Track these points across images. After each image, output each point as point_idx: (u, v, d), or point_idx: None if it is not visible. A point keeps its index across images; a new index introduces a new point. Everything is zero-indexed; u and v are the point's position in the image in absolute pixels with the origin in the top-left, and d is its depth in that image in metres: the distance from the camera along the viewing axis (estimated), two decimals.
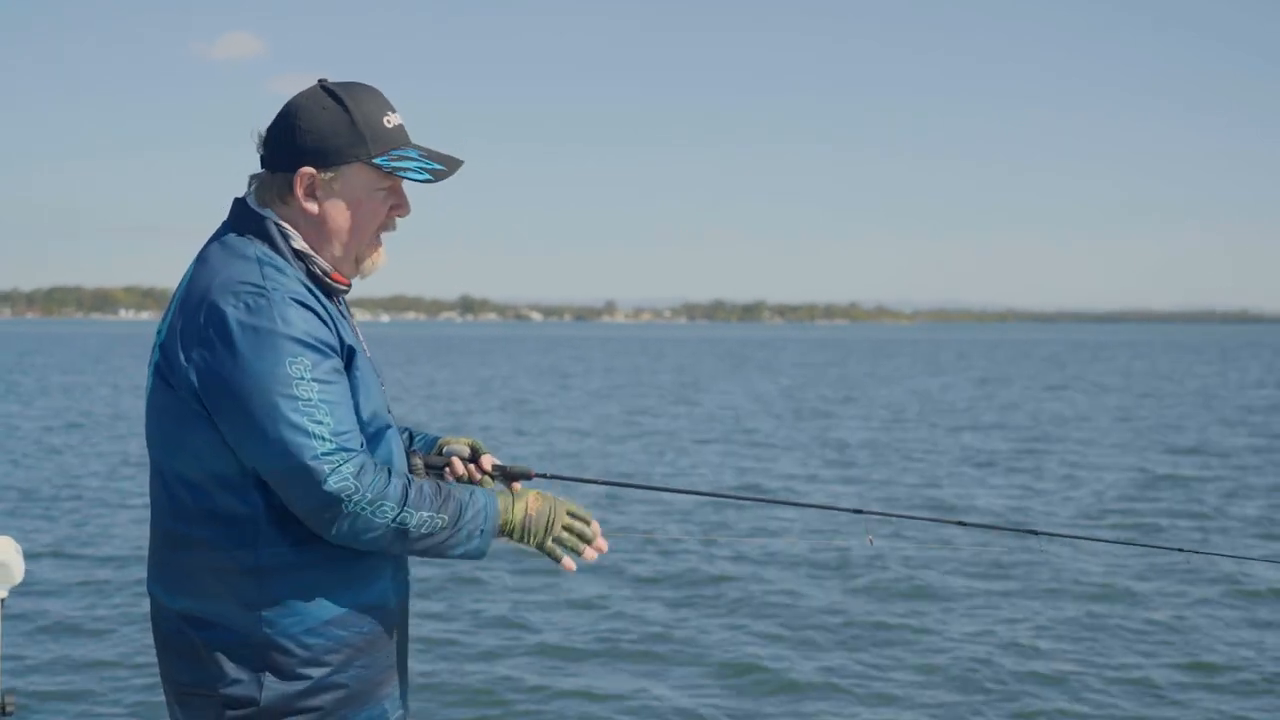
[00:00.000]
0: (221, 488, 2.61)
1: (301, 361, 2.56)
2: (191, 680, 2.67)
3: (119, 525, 13.59)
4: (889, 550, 11.68)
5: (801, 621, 9.51)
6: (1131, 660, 8.56)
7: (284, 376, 2.54)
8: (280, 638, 2.62)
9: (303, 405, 2.54)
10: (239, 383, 2.54)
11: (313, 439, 2.53)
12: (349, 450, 2.57)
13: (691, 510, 14.52)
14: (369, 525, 2.58)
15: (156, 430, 2.69)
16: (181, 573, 2.67)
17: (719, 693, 7.85)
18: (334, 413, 2.57)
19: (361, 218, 2.75)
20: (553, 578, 10.68)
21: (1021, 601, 10.14)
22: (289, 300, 2.60)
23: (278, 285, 2.61)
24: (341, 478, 2.54)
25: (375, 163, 2.72)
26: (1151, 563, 11.39)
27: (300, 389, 2.54)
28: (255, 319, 2.56)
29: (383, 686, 2.76)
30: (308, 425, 2.53)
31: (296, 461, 2.53)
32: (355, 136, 2.70)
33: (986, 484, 17.75)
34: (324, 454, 2.54)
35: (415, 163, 2.75)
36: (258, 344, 2.55)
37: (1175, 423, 28.36)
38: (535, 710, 7.51)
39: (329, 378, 2.59)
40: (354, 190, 2.73)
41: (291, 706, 2.63)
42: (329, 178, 2.71)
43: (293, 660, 2.63)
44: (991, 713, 7.50)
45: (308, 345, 2.58)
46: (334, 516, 2.56)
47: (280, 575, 2.62)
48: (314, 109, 2.71)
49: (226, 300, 2.58)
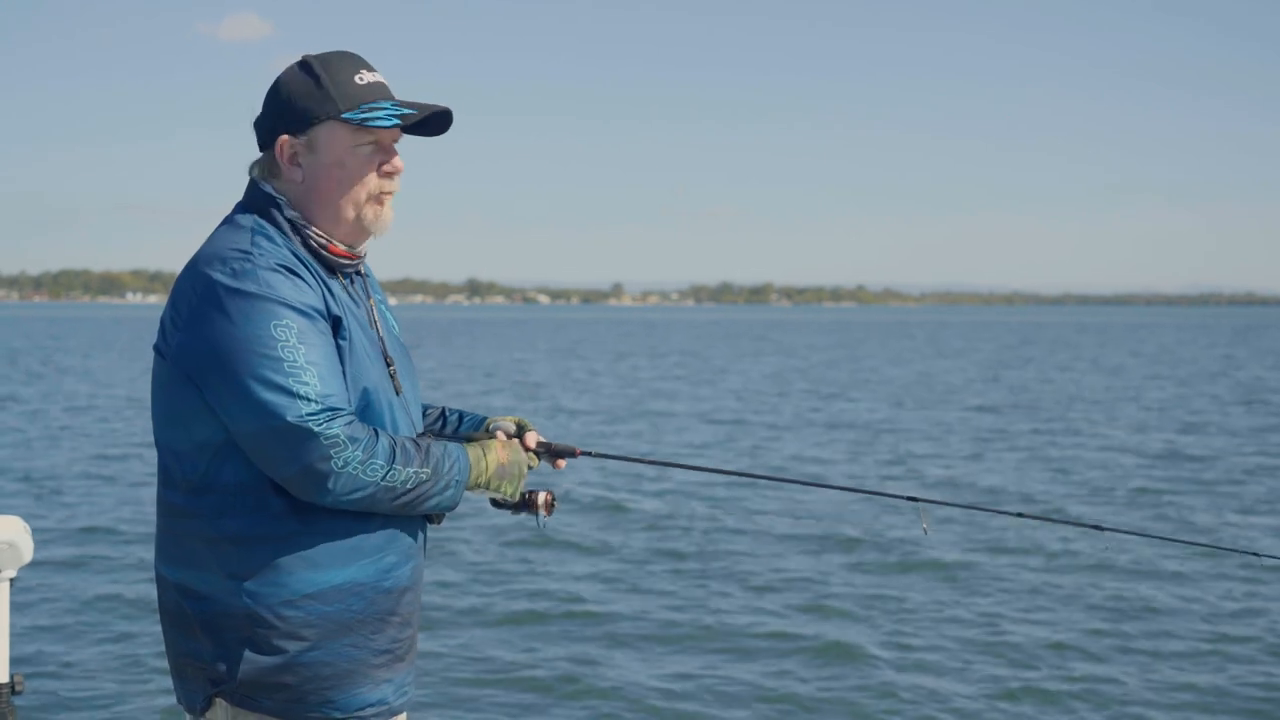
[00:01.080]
0: (208, 456, 2.62)
1: (286, 324, 2.56)
2: (185, 651, 2.69)
3: (128, 504, 13.63)
4: (939, 537, 11.54)
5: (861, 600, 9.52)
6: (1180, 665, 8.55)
7: (268, 339, 2.54)
8: (259, 609, 2.60)
9: (287, 366, 2.54)
10: (223, 346, 2.55)
11: (297, 399, 2.53)
12: (335, 409, 2.56)
13: (740, 493, 14.51)
14: (358, 484, 2.57)
15: (154, 403, 2.73)
16: (174, 543, 2.69)
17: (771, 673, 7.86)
18: (320, 374, 2.57)
19: (347, 177, 2.73)
20: (567, 553, 10.70)
21: (1085, 590, 10.14)
22: (274, 265, 2.62)
23: (264, 251, 2.64)
24: (328, 437, 2.53)
25: (345, 118, 2.70)
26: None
27: (285, 350, 2.55)
28: (239, 282, 2.57)
29: (382, 670, 2.72)
30: (292, 385, 2.53)
31: (281, 422, 2.52)
32: (322, 95, 2.71)
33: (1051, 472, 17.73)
34: (309, 414, 2.53)
35: (385, 111, 2.73)
36: (242, 307, 2.56)
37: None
38: (550, 690, 7.53)
39: (314, 341, 2.59)
40: (334, 150, 2.72)
41: (269, 680, 2.62)
42: (305, 141, 2.73)
43: (272, 633, 2.61)
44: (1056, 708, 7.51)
45: (292, 308, 2.58)
46: (324, 475, 2.54)
47: (263, 545, 2.60)
48: (285, 80, 2.76)
49: (213, 267, 2.61)
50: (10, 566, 3.56)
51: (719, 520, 12.62)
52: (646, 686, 7.54)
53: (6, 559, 3.54)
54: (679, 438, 21.23)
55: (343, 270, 2.79)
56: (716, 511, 13.28)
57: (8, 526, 3.55)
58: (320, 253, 2.74)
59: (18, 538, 3.55)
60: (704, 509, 13.44)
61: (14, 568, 3.57)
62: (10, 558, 3.55)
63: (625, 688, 7.52)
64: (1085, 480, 16.01)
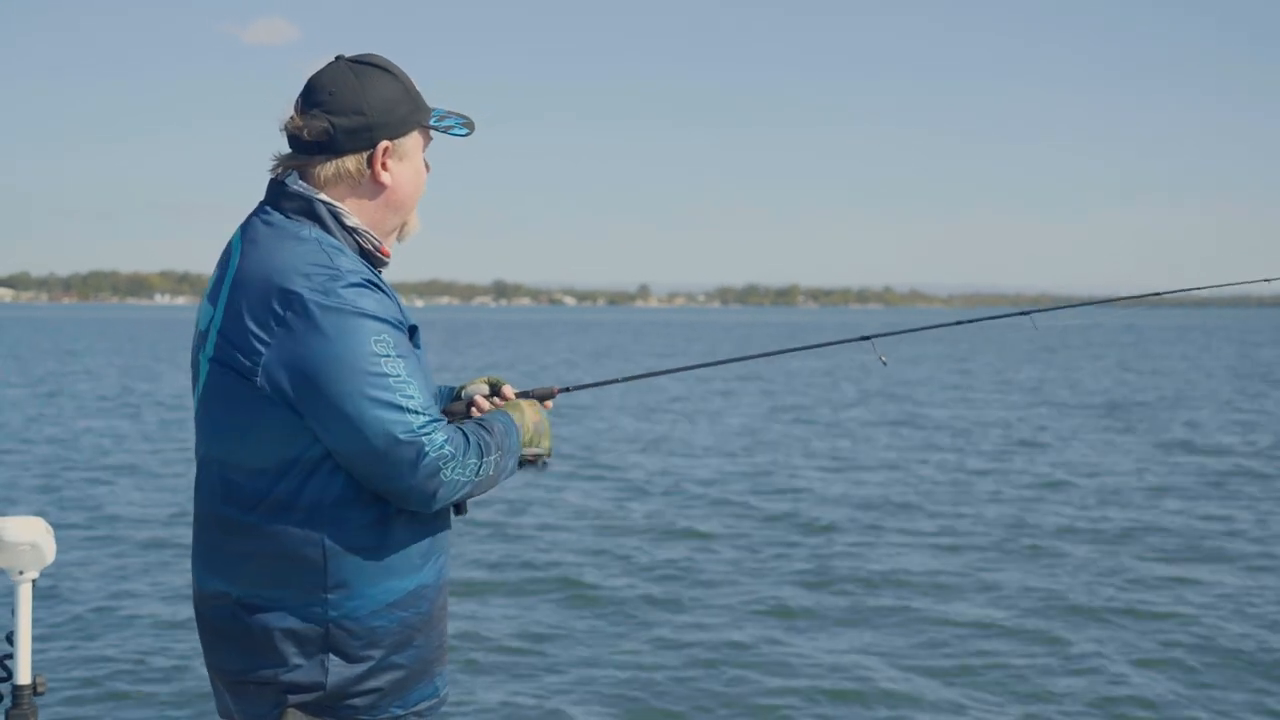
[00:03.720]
0: (285, 473, 2.60)
1: (384, 339, 2.58)
2: (246, 667, 2.67)
3: (152, 507, 13.68)
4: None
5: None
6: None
7: (370, 355, 2.55)
8: (345, 620, 2.63)
9: (393, 382, 2.56)
10: (327, 366, 2.53)
11: (407, 414, 2.56)
12: (436, 420, 2.62)
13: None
14: (460, 486, 2.66)
15: (212, 418, 2.67)
16: (238, 559, 2.66)
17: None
18: (419, 387, 2.60)
19: (420, 181, 2.83)
20: (588, 520, 10.68)
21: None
22: (360, 281, 2.61)
23: (348, 268, 2.62)
24: (437, 448, 2.59)
25: (431, 125, 2.81)
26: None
27: (388, 365, 2.57)
28: (333, 300, 2.56)
29: (436, 664, 2.79)
30: (400, 401, 2.56)
31: (393, 439, 2.55)
32: (413, 104, 2.78)
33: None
34: (419, 428, 2.57)
35: (451, 119, 2.85)
36: (341, 325, 2.54)
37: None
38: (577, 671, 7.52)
39: (408, 353, 2.62)
40: (415, 155, 2.81)
41: (356, 688, 2.65)
42: (398, 147, 2.76)
43: (357, 643, 2.64)
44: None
45: (386, 321, 2.60)
46: (436, 487, 2.61)
47: (343, 560, 2.62)
48: (373, 84, 2.73)
49: (298, 283, 2.57)
50: (32, 568, 3.55)
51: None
52: (656, 663, 7.52)
53: (29, 560, 3.53)
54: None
55: (381, 267, 2.82)
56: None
57: (30, 527, 3.54)
58: (373, 255, 2.77)
59: (40, 539, 3.53)
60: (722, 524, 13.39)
61: (36, 569, 3.56)
62: (32, 559, 3.53)
63: (630, 660, 7.49)
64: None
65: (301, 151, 2.73)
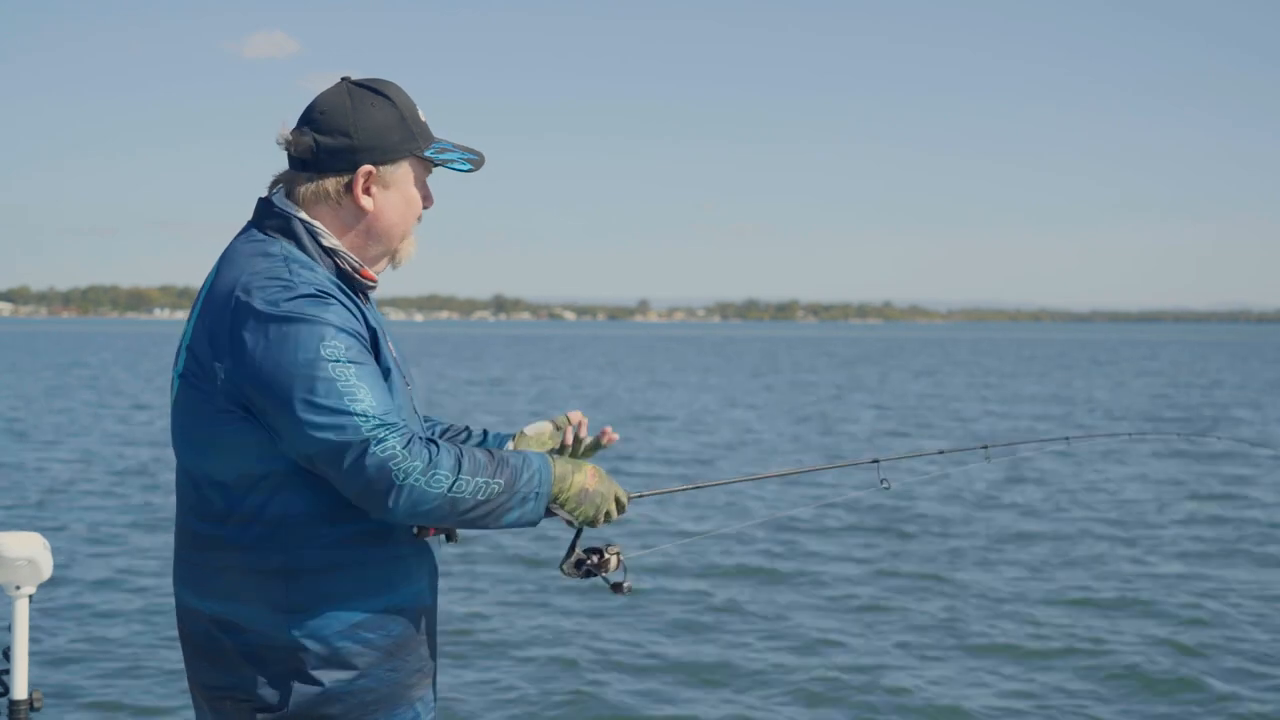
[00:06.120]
0: (252, 488, 2.60)
1: (334, 344, 2.56)
2: (222, 684, 2.66)
3: (147, 523, 13.65)
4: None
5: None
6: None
7: (318, 361, 2.53)
8: (309, 640, 2.60)
9: (340, 385, 2.53)
10: (275, 373, 2.53)
11: (355, 417, 2.52)
12: (392, 424, 2.55)
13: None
14: (425, 497, 2.54)
15: (185, 433, 2.68)
16: (210, 575, 2.66)
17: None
18: (373, 392, 2.56)
19: (410, 211, 2.81)
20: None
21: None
22: (313, 291, 2.60)
23: (303, 279, 2.62)
24: (388, 450, 2.51)
25: (425, 155, 2.78)
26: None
27: (337, 370, 2.54)
28: (280, 309, 2.56)
29: (414, 689, 2.74)
30: (348, 405, 2.52)
31: (342, 440, 2.51)
32: (407, 132, 2.76)
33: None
34: (368, 430, 2.52)
35: (454, 153, 2.82)
36: (284, 332, 2.54)
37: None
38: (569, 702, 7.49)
39: (363, 359, 2.59)
40: (404, 185, 2.78)
41: (320, 710, 2.62)
42: (384, 174, 2.74)
43: (322, 664, 2.61)
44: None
45: (339, 329, 2.58)
46: (387, 490, 2.52)
47: (311, 577, 2.61)
48: (365, 108, 2.73)
49: (253, 296, 2.58)
50: (29, 583, 3.55)
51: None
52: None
53: (26, 575, 3.53)
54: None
55: (364, 291, 2.80)
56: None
57: (27, 543, 3.54)
58: (352, 276, 2.76)
59: (37, 554, 3.54)
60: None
61: (33, 584, 3.56)
62: (29, 574, 3.54)
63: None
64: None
65: (291, 167, 2.78)
